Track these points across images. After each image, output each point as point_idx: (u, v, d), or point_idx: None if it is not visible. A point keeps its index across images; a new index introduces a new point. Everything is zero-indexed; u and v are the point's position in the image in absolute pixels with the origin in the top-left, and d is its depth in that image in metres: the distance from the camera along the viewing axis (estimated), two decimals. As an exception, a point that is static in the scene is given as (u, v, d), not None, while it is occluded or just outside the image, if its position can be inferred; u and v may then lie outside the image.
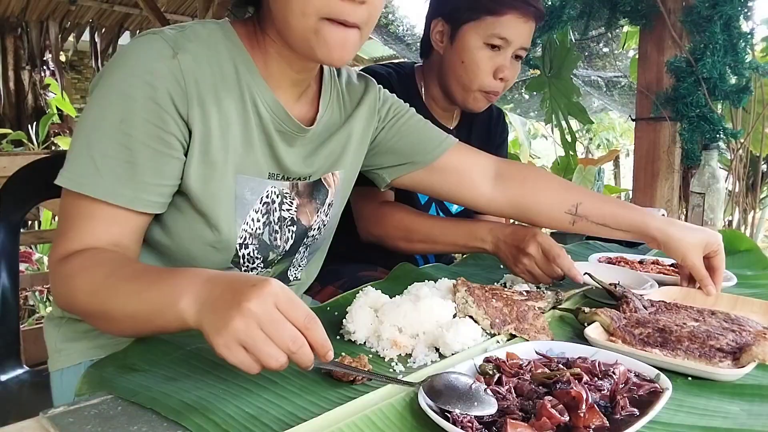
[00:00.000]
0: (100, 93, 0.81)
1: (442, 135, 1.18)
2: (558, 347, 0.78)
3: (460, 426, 0.57)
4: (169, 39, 0.82)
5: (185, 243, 0.91)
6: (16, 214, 1.18)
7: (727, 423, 0.64)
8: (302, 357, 0.63)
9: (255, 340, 0.60)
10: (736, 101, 2.02)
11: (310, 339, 0.63)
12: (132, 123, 0.79)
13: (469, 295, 0.93)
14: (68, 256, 0.78)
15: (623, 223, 1.13)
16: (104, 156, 0.79)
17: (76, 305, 0.78)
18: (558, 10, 2.24)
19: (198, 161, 0.86)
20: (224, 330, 0.61)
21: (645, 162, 2.23)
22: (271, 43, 0.90)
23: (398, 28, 4.35)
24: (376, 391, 0.67)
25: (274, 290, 0.62)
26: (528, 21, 1.35)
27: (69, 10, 5.34)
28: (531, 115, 5.73)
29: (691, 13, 2.02)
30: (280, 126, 0.94)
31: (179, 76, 0.81)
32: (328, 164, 1.05)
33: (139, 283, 0.72)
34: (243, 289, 0.62)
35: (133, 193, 0.80)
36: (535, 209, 1.19)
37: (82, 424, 0.60)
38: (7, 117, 5.57)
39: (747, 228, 2.44)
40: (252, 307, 0.60)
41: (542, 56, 2.61)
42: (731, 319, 0.92)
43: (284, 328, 0.61)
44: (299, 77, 0.94)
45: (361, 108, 1.08)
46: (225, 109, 0.87)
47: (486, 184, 1.19)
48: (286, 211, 0.99)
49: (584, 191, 1.20)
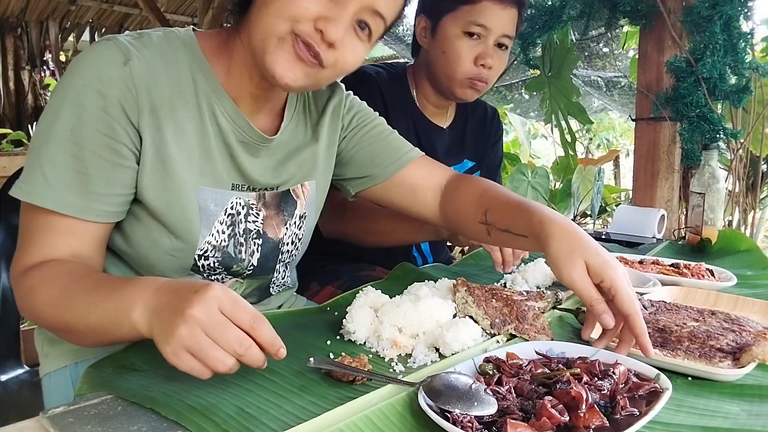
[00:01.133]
0: (53, 101, 0.80)
1: (404, 148, 1.12)
2: (558, 347, 0.78)
3: (460, 426, 0.57)
4: (121, 46, 0.82)
5: (144, 250, 0.90)
6: (16, 214, 1.17)
7: (727, 423, 0.64)
8: (251, 358, 0.64)
9: (201, 346, 0.61)
10: (736, 101, 2.02)
11: (258, 339, 0.64)
12: (82, 133, 0.79)
13: (469, 295, 0.93)
14: (29, 269, 0.78)
15: (519, 225, 0.93)
16: (54, 166, 0.78)
17: (40, 318, 0.78)
18: (558, 10, 2.24)
19: (152, 170, 0.85)
20: (171, 338, 0.62)
21: (645, 162, 2.22)
22: (239, 49, 0.90)
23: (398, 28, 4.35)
24: (376, 391, 0.67)
25: (217, 294, 0.63)
26: (506, 8, 1.34)
27: (69, 10, 5.34)
28: (531, 115, 5.73)
29: (691, 13, 2.02)
30: (241, 136, 0.92)
31: (130, 83, 0.80)
32: (300, 175, 1.03)
33: (96, 295, 0.72)
34: (186, 295, 0.63)
35: (84, 203, 0.80)
36: (459, 222, 1.09)
37: (82, 424, 0.60)
38: (7, 117, 5.57)
39: (747, 228, 2.44)
40: (195, 313, 0.61)
41: (542, 56, 2.61)
42: (731, 319, 0.91)
43: (229, 331, 0.62)
44: (257, 92, 0.93)
45: (326, 114, 1.06)
46: (180, 119, 0.86)
47: (437, 199, 1.12)
48: (252, 223, 0.98)
49: (494, 195, 1.02)
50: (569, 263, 0.80)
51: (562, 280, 0.81)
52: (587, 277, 0.79)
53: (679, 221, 2.23)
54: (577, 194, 3.52)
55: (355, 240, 1.37)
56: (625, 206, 2.15)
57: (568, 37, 2.57)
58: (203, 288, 0.63)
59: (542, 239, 0.85)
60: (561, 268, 0.81)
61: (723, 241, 1.64)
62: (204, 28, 3.42)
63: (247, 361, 0.64)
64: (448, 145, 1.56)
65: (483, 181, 1.08)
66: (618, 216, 1.95)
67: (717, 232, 1.65)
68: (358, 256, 1.48)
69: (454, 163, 1.57)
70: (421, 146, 1.17)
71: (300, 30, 0.80)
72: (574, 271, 0.79)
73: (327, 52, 0.82)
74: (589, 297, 0.79)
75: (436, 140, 1.52)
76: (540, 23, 2.25)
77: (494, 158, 1.68)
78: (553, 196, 3.68)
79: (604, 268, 0.78)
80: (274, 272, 1.06)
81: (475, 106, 1.62)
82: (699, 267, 1.29)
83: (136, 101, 0.81)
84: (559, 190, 3.81)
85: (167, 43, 0.87)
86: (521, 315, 0.90)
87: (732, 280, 1.22)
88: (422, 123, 1.50)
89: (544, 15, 2.25)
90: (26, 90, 5.69)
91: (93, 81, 0.79)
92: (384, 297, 0.92)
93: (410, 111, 1.48)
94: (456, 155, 1.57)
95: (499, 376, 0.67)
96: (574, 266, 0.80)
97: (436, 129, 1.53)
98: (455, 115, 1.59)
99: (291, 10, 0.79)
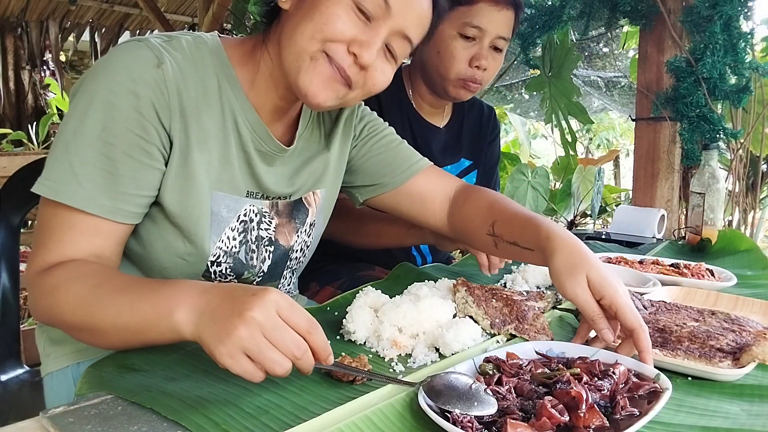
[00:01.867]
0: (82, 99, 0.79)
1: (414, 158, 1.13)
2: (558, 347, 0.78)
3: (460, 426, 0.57)
4: (154, 48, 0.81)
5: (157, 253, 0.90)
6: (16, 214, 1.18)
7: (727, 423, 0.64)
8: (305, 362, 0.64)
9: (260, 348, 0.61)
10: (736, 101, 2.02)
11: (312, 344, 0.64)
12: (114, 132, 0.78)
13: (469, 295, 0.93)
14: (49, 268, 0.77)
15: (526, 238, 0.94)
16: (84, 164, 0.77)
17: (62, 318, 0.75)
18: (558, 10, 2.24)
19: (176, 173, 0.85)
20: (227, 339, 0.61)
21: (645, 162, 2.23)
22: (266, 60, 0.90)
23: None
24: (376, 391, 0.67)
25: (275, 298, 0.63)
26: (502, 9, 1.33)
27: (69, 10, 5.34)
28: (531, 115, 5.73)
29: (691, 13, 2.02)
30: (260, 145, 0.93)
31: (163, 86, 0.80)
32: (311, 183, 1.04)
33: (131, 294, 0.71)
34: (244, 298, 0.63)
35: (113, 204, 0.79)
36: (466, 233, 1.09)
37: (82, 424, 0.60)
38: (7, 117, 5.57)
39: (747, 228, 2.44)
40: (255, 315, 0.61)
41: (542, 56, 2.61)
42: (731, 320, 0.91)
43: (287, 334, 0.62)
44: (281, 104, 0.94)
45: (339, 124, 1.07)
46: (204, 124, 0.86)
47: (445, 209, 1.12)
48: (264, 231, 0.98)
49: (503, 207, 1.02)
50: (572, 278, 0.81)
51: (566, 295, 0.82)
52: (589, 292, 0.80)
53: (679, 221, 2.23)
54: (577, 194, 3.52)
55: (344, 241, 1.38)
56: (625, 206, 2.15)
57: (568, 37, 2.57)
58: (261, 291, 0.64)
59: (548, 253, 0.86)
60: (564, 283, 0.82)
61: (723, 241, 1.64)
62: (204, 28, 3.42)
63: (301, 365, 0.64)
64: (445, 145, 1.55)
65: (492, 194, 1.08)
66: (618, 216, 1.95)
67: (717, 232, 1.65)
68: (357, 256, 1.48)
69: (450, 163, 1.57)
70: (417, 146, 1.17)
71: (333, 52, 0.81)
72: (577, 286, 0.80)
73: (358, 75, 0.84)
74: (591, 312, 0.80)
75: (432, 140, 1.52)
76: (540, 23, 2.25)
77: (491, 157, 1.68)
78: (553, 196, 3.68)
79: (604, 286, 0.79)
80: (282, 278, 1.07)
81: (472, 105, 1.61)
82: (699, 267, 1.29)
83: (168, 104, 0.81)
84: (559, 190, 3.81)
85: (196, 48, 0.87)
86: (521, 315, 0.90)
87: (732, 280, 1.22)
88: (418, 122, 1.50)
89: (544, 15, 2.25)
90: (26, 90, 5.68)
91: (126, 81, 0.78)
92: (384, 297, 0.92)
93: (405, 111, 1.48)
94: (452, 155, 1.57)
95: (499, 376, 0.67)
96: (577, 281, 0.80)
97: (432, 128, 1.53)
98: (451, 115, 1.59)
99: (326, 33, 0.80)
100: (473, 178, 1.63)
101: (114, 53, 0.81)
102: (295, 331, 0.63)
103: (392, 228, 1.30)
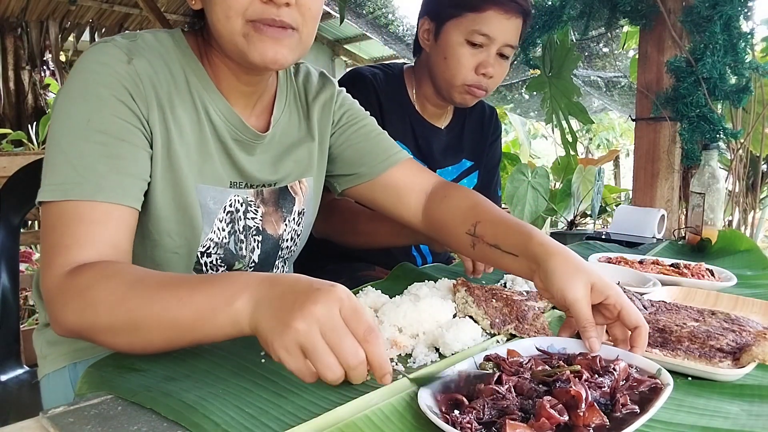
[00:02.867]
0: (63, 102, 0.79)
1: (392, 149, 1.12)
2: (559, 343, 0.79)
3: (459, 427, 0.57)
4: (122, 46, 0.83)
5: (147, 249, 0.90)
6: (16, 214, 1.18)
7: (727, 423, 0.64)
8: (358, 374, 0.60)
9: (316, 347, 0.58)
10: (736, 101, 2.02)
11: (368, 355, 0.60)
12: (102, 120, 0.78)
13: (469, 295, 0.93)
14: (75, 268, 0.73)
15: (510, 243, 0.93)
16: (82, 157, 0.77)
17: (97, 320, 0.70)
18: (558, 10, 2.24)
19: (162, 165, 0.85)
20: (286, 331, 0.58)
21: (645, 162, 2.22)
22: (217, 55, 0.90)
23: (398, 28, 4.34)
24: (376, 391, 0.67)
25: (341, 296, 0.60)
26: (511, 18, 1.34)
27: (69, 10, 5.34)
28: (531, 115, 5.73)
29: (691, 13, 2.02)
30: (236, 134, 0.93)
31: (137, 79, 0.81)
32: (297, 172, 1.03)
33: (179, 288, 0.67)
34: (308, 291, 0.60)
35: (119, 188, 0.78)
36: (442, 229, 1.07)
37: (82, 424, 0.60)
38: (7, 117, 5.56)
39: (747, 228, 2.44)
40: (317, 310, 0.58)
41: (542, 56, 2.61)
42: (731, 320, 0.91)
43: (347, 339, 0.59)
44: (248, 89, 0.94)
45: (316, 105, 1.06)
46: (180, 117, 0.87)
47: (421, 203, 1.11)
48: (251, 220, 0.98)
49: (487, 210, 1.02)
50: (573, 282, 0.79)
51: (565, 298, 0.80)
52: (589, 298, 0.79)
53: (679, 221, 2.23)
54: (577, 194, 3.52)
55: (339, 240, 1.38)
56: (625, 206, 2.15)
57: (568, 37, 2.57)
58: (328, 286, 0.60)
59: (540, 259, 0.84)
60: (564, 286, 0.80)
61: (723, 241, 1.64)
62: (204, 28, 3.42)
63: (353, 375, 0.60)
64: (446, 146, 1.56)
65: (476, 195, 1.08)
66: (618, 216, 1.95)
67: (717, 232, 1.65)
68: (357, 257, 1.48)
69: (452, 164, 1.57)
70: (419, 147, 1.17)
71: (252, 14, 0.80)
72: (579, 291, 0.79)
73: (287, 13, 0.81)
74: (585, 319, 0.78)
75: (433, 141, 1.52)
76: (540, 23, 2.25)
77: (492, 157, 1.68)
78: (553, 196, 3.68)
79: (608, 287, 0.80)
80: (274, 268, 1.07)
81: (473, 106, 1.62)
82: (699, 267, 1.29)
83: (145, 96, 0.82)
84: (559, 190, 3.81)
85: (159, 43, 0.88)
86: (521, 315, 0.90)
87: (732, 280, 1.22)
88: (419, 124, 1.50)
89: (544, 15, 2.25)
90: (26, 90, 5.68)
91: (102, 76, 0.79)
92: (384, 297, 0.92)
93: (407, 111, 1.48)
94: (454, 155, 1.57)
95: (499, 375, 0.67)
96: (579, 285, 0.79)
97: (434, 129, 1.53)
98: (453, 115, 1.59)
99: (233, 6, 0.79)
100: (474, 178, 1.63)
101: (87, 55, 0.82)
102: (353, 334, 0.59)
103: (385, 227, 1.30)
